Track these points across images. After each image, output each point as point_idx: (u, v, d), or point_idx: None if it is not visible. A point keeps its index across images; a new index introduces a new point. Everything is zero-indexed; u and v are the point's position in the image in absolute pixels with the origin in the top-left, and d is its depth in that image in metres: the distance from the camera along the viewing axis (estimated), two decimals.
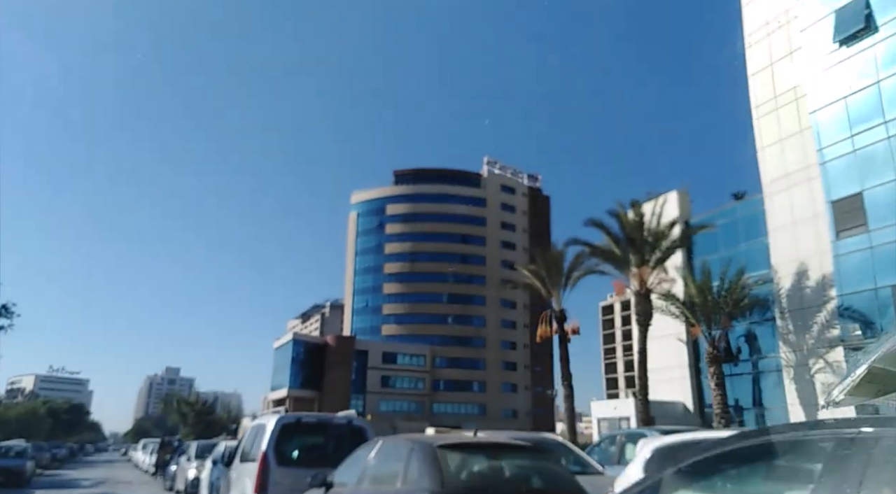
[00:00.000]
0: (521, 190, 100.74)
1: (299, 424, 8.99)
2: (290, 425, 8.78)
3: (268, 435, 8.49)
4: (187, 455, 18.11)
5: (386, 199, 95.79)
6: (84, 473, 30.23)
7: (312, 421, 9.31)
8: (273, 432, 8.51)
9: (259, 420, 9.95)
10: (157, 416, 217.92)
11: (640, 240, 23.58)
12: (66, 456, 46.79)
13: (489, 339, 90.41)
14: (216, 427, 30.28)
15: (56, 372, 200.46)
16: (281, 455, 8.39)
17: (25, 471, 22.79)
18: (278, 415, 8.98)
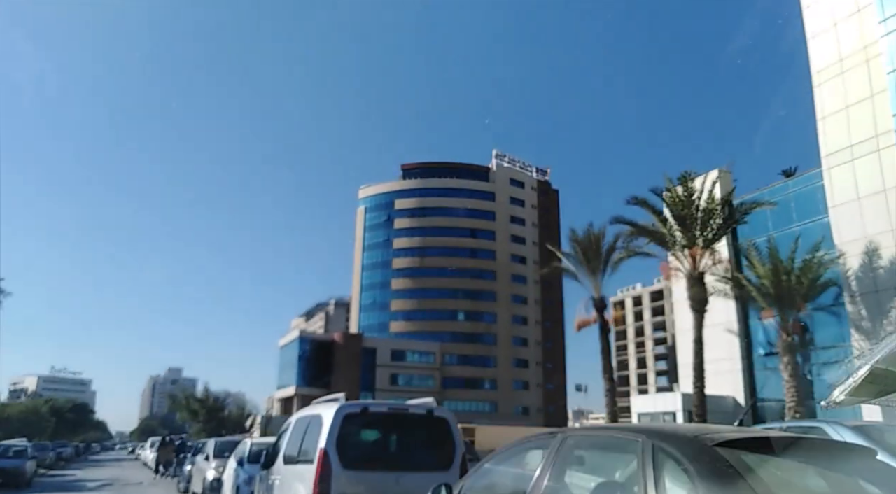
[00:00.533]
0: (531, 183, 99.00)
1: (366, 415, 7.21)
2: (353, 416, 6.99)
3: (326, 430, 6.76)
4: (204, 453, 16.23)
5: (394, 194, 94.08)
6: (91, 473, 28.60)
7: (382, 412, 7.46)
8: (334, 425, 6.77)
9: (310, 411, 8.13)
10: (163, 415, 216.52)
11: (691, 217, 21.73)
12: (72, 456, 45.26)
13: (500, 336, 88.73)
14: (228, 425, 28.72)
15: (58, 373, 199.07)
16: (345, 454, 6.65)
17: (25, 472, 21.27)
18: (338, 404, 7.12)
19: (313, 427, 7.26)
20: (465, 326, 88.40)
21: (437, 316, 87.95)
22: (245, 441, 13.73)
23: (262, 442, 12.93)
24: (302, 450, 7.35)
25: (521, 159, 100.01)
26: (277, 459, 8.28)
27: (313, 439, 7.02)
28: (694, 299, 22.34)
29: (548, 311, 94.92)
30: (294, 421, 8.51)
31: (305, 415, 8.09)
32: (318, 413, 7.37)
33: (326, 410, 7.14)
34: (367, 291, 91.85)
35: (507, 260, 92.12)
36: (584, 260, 28.50)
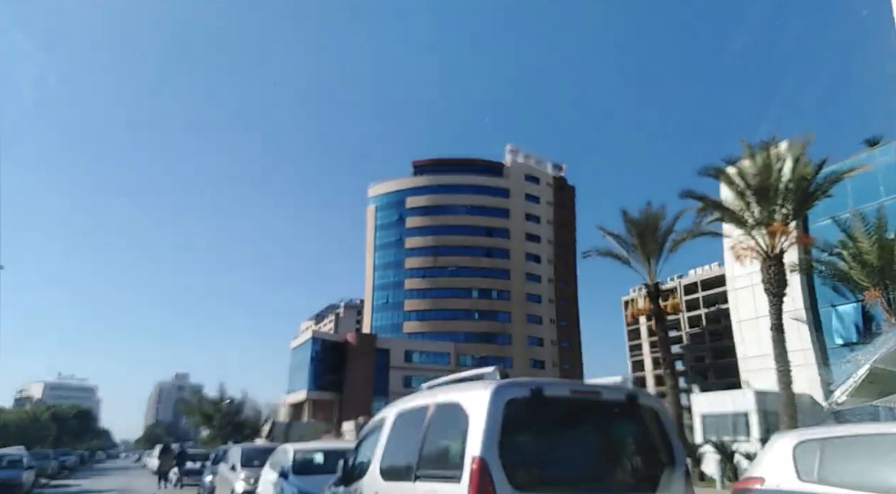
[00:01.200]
0: (546, 179, 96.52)
1: (540, 402, 4.32)
2: (521, 404, 4.23)
3: (480, 426, 4.07)
4: (229, 462, 13.59)
5: (405, 191, 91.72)
6: (96, 483, 26.21)
7: (563, 397, 4.56)
8: (491, 418, 4.08)
9: (430, 397, 5.19)
10: (169, 422, 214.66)
11: (773, 189, 19.12)
12: (76, 464, 42.85)
13: (515, 336, 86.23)
14: (244, 430, 26.32)
15: (65, 380, 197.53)
16: (513, 467, 4.00)
17: (21, 483, 19.08)
18: (491, 384, 4.37)
19: (446, 423, 4.63)
20: (480, 326, 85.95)
21: (452, 315, 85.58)
22: (285, 448, 11.38)
23: (307, 449, 11.24)
24: (426, 459, 4.70)
25: (536, 154, 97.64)
26: (368, 472, 5.68)
27: (452, 442, 4.46)
28: (772, 282, 19.73)
29: (563, 310, 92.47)
30: (395, 415, 5.72)
31: (421, 405, 5.22)
32: (455, 400, 4.61)
33: (472, 394, 4.41)
34: (379, 291, 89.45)
35: (522, 258, 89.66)
36: (639, 242, 25.66)
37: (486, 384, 4.43)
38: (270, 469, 10.83)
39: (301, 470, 9.98)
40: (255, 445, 17.56)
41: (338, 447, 11.53)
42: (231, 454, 14.56)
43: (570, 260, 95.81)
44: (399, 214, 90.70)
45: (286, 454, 10.84)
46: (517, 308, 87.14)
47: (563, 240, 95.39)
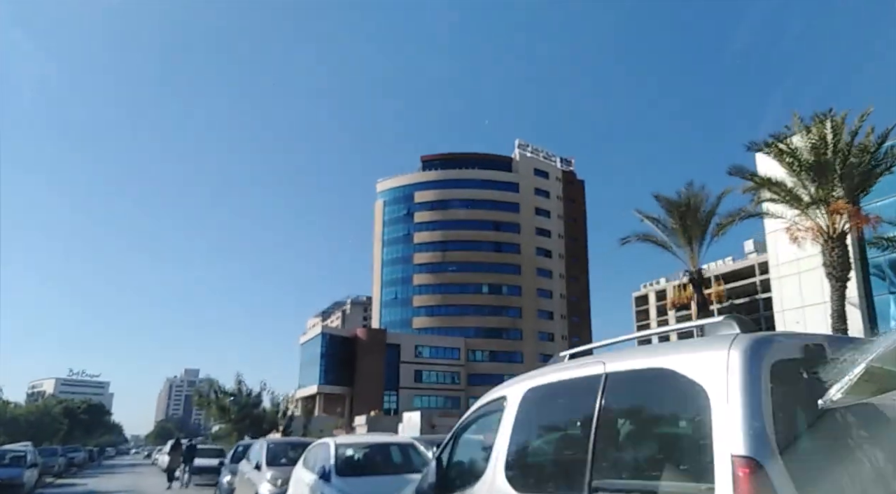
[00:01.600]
0: (555, 174, 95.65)
1: (818, 365, 2.57)
2: (790, 369, 2.57)
3: (736, 408, 2.41)
4: (252, 460, 12.00)
5: (414, 186, 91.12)
6: (104, 482, 25.77)
7: None
8: (752, 394, 2.44)
9: (626, 359, 3.15)
10: (179, 417, 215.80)
11: (831, 165, 17.73)
12: (85, 461, 42.53)
13: (526, 331, 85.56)
14: (262, 424, 25.03)
15: (76, 375, 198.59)
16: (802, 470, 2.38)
17: (23, 483, 17.91)
18: (738, 338, 2.63)
19: (644, 402, 3.08)
20: (491, 321, 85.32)
21: (461, 311, 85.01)
22: (325, 443, 9.08)
23: (353, 443, 9.40)
24: (610, 459, 2.99)
25: (545, 149, 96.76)
26: (484, 479, 3.78)
27: (667, 432, 2.95)
28: (835, 265, 18.49)
29: (573, 306, 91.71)
30: (524, 393, 3.83)
31: (580, 377, 3.35)
32: (661, 364, 2.83)
33: (699, 355, 2.70)
34: (388, 287, 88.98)
35: (532, 253, 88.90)
36: (680, 225, 23.64)
37: (720, 339, 2.69)
38: (304, 468, 9.03)
39: (346, 471, 8.10)
40: (283, 439, 16.55)
41: (390, 440, 10.10)
42: (254, 450, 12.63)
43: (582, 255, 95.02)
44: (407, 209, 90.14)
45: (326, 449, 8.65)
46: (528, 303, 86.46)
47: (574, 235, 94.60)
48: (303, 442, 13.65)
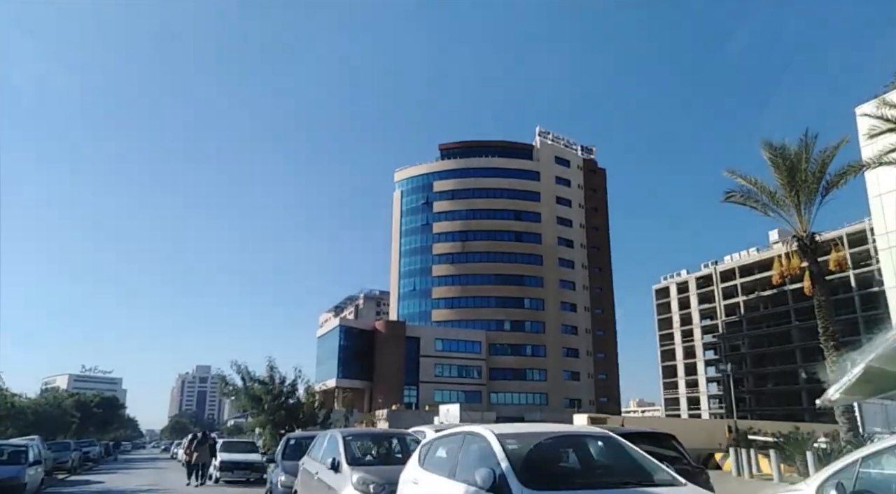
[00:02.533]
0: (577, 162, 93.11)
1: None
2: None
3: None
4: (325, 457, 9.14)
5: (432, 175, 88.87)
6: (123, 479, 23.62)
7: None
8: None
9: None
10: (193, 412, 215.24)
11: None
12: (100, 456, 40.64)
13: (548, 324, 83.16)
14: (299, 416, 22.04)
15: (89, 371, 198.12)
16: None
17: (22, 484, 15.29)
18: None
19: None
20: (512, 313, 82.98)
21: (482, 303, 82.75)
22: (480, 435, 5.68)
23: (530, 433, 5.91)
24: None
25: (566, 137, 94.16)
26: None
27: None
28: None
29: (597, 298, 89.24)
30: None
31: None
32: None
33: None
34: (406, 278, 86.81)
35: (554, 243, 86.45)
36: (787, 182, 20.05)
37: None
38: (436, 473, 6.09)
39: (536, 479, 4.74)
40: (361, 430, 13.95)
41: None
42: (322, 445, 9.91)
43: (604, 245, 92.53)
44: (426, 198, 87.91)
45: (487, 443, 5.39)
46: (550, 294, 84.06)
47: (595, 225, 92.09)
48: (387, 434, 11.50)
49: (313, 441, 10.51)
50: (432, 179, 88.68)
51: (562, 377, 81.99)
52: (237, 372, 22.21)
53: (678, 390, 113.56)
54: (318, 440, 10.10)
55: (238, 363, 22.44)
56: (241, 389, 21.55)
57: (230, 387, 21.68)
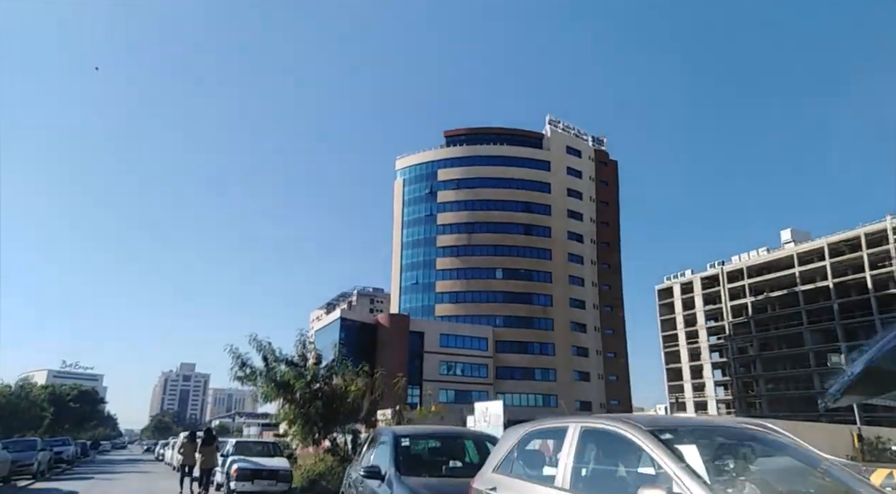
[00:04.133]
0: (588, 153, 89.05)
1: None
2: None
3: None
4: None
5: (436, 163, 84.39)
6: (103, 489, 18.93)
7: None
8: None
9: None
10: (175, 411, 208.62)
11: None
12: (75, 457, 35.57)
13: (557, 320, 78.88)
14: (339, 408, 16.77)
15: (69, 367, 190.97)
16: None
17: None
18: None
19: None
20: (519, 309, 78.58)
21: (488, 298, 78.37)
22: None
23: None
24: None
25: (577, 126, 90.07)
26: None
27: None
28: None
29: (606, 295, 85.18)
30: None
31: None
32: None
33: None
34: (408, 271, 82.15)
35: (564, 237, 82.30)
36: None
37: None
38: None
39: None
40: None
41: None
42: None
43: (614, 240, 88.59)
44: (430, 188, 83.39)
45: None
46: (559, 290, 79.83)
47: (606, 220, 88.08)
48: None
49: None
50: (436, 167, 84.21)
51: (572, 377, 77.76)
52: (258, 349, 17.18)
53: (684, 393, 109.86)
54: (511, 439, 5.88)
55: (258, 338, 17.52)
56: (261, 372, 16.60)
57: (247, 370, 16.61)
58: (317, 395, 15.93)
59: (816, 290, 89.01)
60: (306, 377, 16.53)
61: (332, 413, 16.23)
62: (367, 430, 17.44)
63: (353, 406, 17.55)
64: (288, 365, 17.33)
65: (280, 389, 16.16)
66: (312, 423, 15.97)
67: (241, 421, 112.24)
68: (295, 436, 16.44)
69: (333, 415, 16.31)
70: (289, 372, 16.81)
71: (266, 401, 17.43)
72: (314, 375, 17.03)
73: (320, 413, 15.70)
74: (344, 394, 16.68)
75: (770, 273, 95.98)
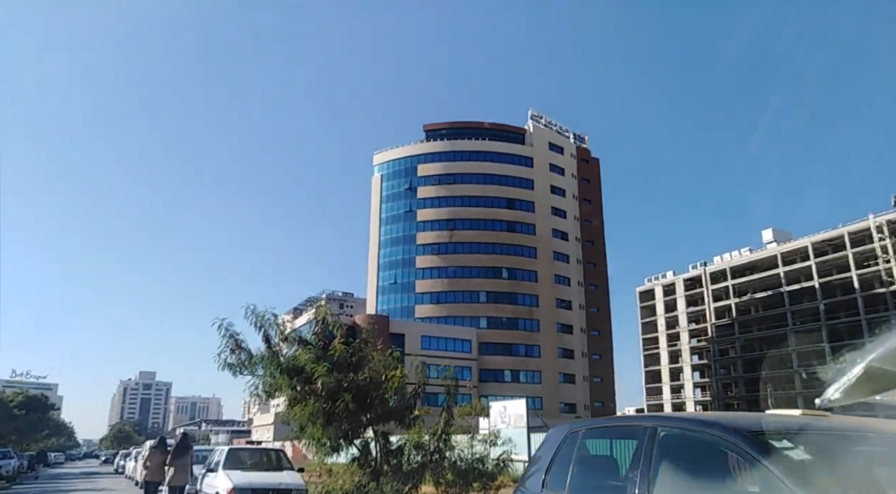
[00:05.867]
0: (570, 150, 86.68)
1: None
2: None
3: None
4: None
5: (416, 158, 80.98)
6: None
7: None
8: None
9: None
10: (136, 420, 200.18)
11: None
12: (17, 472, 30.85)
13: (543, 321, 76.00)
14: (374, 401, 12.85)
15: (20, 377, 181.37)
16: None
17: None
18: None
19: None
20: (504, 310, 75.51)
21: (471, 298, 75.13)
22: None
23: None
24: None
25: (558, 123, 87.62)
26: None
27: None
28: None
29: (591, 295, 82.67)
30: None
31: None
32: None
33: None
34: (386, 270, 78.39)
35: (549, 235, 79.59)
36: None
37: None
38: None
39: None
40: None
41: None
42: None
43: (598, 239, 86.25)
44: (409, 183, 79.95)
45: None
46: (544, 290, 76.99)
47: (589, 218, 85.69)
48: None
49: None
50: (416, 162, 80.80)
51: (557, 379, 74.88)
52: (257, 325, 12.87)
53: (662, 396, 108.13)
54: None
55: (257, 310, 13.21)
56: (264, 357, 12.30)
57: (242, 354, 12.25)
58: (342, 386, 11.96)
59: (801, 291, 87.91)
60: (335, 359, 12.53)
61: (365, 409, 12.30)
62: (405, 432, 13.66)
63: (402, 400, 13.74)
64: (301, 345, 13.43)
65: (292, 377, 12.11)
66: (340, 422, 11.93)
67: (207, 429, 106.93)
68: (311, 441, 12.31)
69: (365, 413, 12.42)
70: (302, 354, 12.88)
71: (269, 396, 13.39)
72: (346, 358, 12.94)
73: (350, 408, 11.73)
74: (383, 385, 12.87)
75: (753, 273, 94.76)
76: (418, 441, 12.85)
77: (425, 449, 12.81)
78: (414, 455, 12.70)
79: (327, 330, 13.48)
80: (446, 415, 13.57)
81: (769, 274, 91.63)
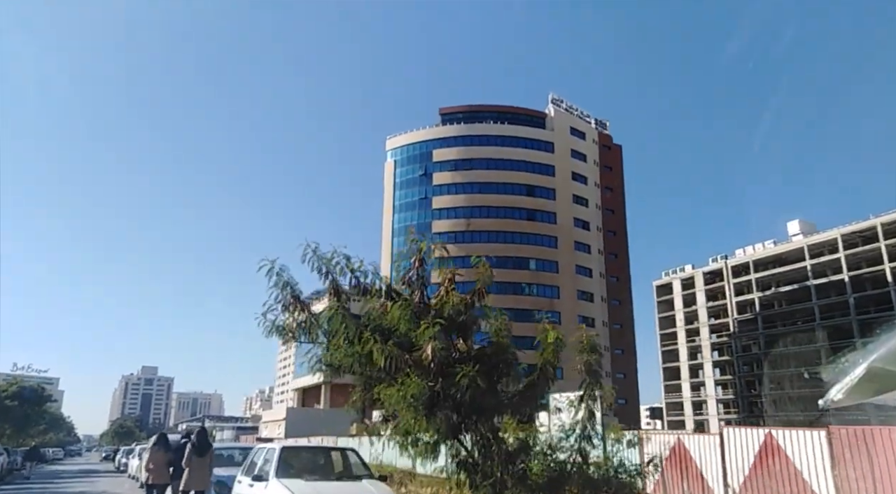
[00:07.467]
0: (592, 136, 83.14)
1: None
2: None
3: None
4: None
5: (432, 143, 77.49)
6: None
7: None
8: None
9: None
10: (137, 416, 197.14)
11: None
12: (8, 470, 27.62)
13: (564, 313, 72.38)
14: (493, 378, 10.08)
15: (21, 370, 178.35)
16: None
17: None
18: None
19: None
20: (523, 301, 71.74)
21: (490, 289, 71.10)
22: None
23: None
24: None
25: (579, 107, 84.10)
26: None
27: None
28: None
29: (613, 288, 79.19)
30: None
31: None
32: None
33: None
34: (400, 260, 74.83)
35: (570, 224, 76.13)
36: None
37: None
38: None
39: None
40: None
41: None
42: None
43: (620, 229, 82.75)
44: (425, 169, 76.47)
45: None
46: (566, 281, 73.52)
47: (611, 207, 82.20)
48: None
49: None
50: (432, 147, 77.32)
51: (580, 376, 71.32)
52: (323, 270, 9.24)
53: (682, 393, 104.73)
54: None
55: (317, 250, 9.25)
56: (335, 310, 8.36)
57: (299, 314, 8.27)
58: (452, 355, 8.19)
59: (829, 284, 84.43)
60: (447, 313, 8.76)
61: (491, 396, 8.53)
62: (517, 429, 9.59)
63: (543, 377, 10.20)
64: (389, 297, 9.54)
65: (384, 341, 8.01)
66: (448, 411, 8.18)
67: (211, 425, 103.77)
68: (402, 436, 8.40)
69: (494, 395, 8.78)
70: (395, 309, 8.97)
71: (336, 374, 9.47)
72: (461, 315, 8.98)
73: (479, 386, 7.98)
74: (509, 356, 9.35)
75: (778, 267, 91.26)
76: (555, 442, 9.34)
77: (564, 450, 9.35)
78: (542, 460, 9.17)
79: (423, 274, 9.76)
80: (588, 404, 9.86)
81: (795, 267, 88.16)
